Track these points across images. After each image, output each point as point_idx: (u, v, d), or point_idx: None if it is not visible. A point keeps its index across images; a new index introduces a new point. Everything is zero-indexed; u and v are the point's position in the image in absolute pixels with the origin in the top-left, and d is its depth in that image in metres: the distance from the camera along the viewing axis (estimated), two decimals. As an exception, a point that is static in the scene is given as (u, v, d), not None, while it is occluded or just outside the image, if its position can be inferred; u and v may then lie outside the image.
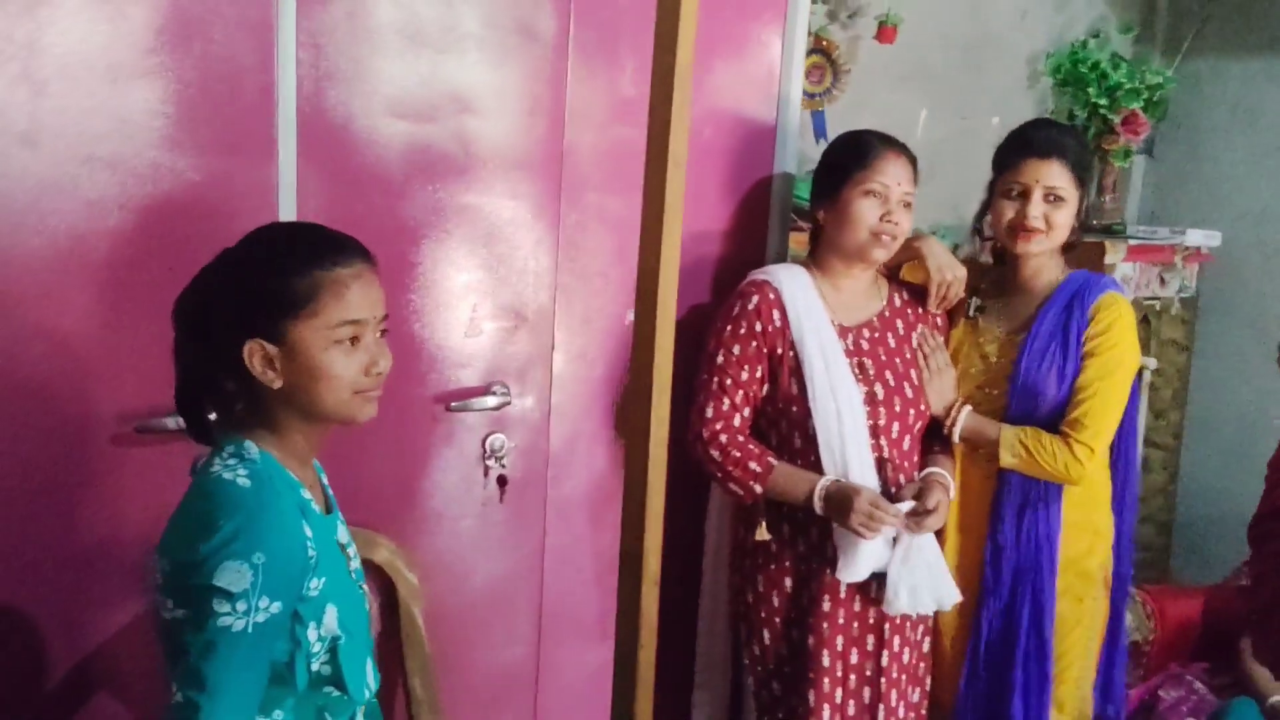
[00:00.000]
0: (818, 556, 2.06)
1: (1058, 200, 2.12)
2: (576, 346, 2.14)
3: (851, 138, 2.11)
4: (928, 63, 3.24)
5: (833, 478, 1.99)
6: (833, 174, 2.07)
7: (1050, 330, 2.15)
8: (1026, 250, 2.15)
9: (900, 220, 2.03)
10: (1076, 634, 2.24)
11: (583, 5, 2.00)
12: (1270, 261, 3.51)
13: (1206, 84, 3.63)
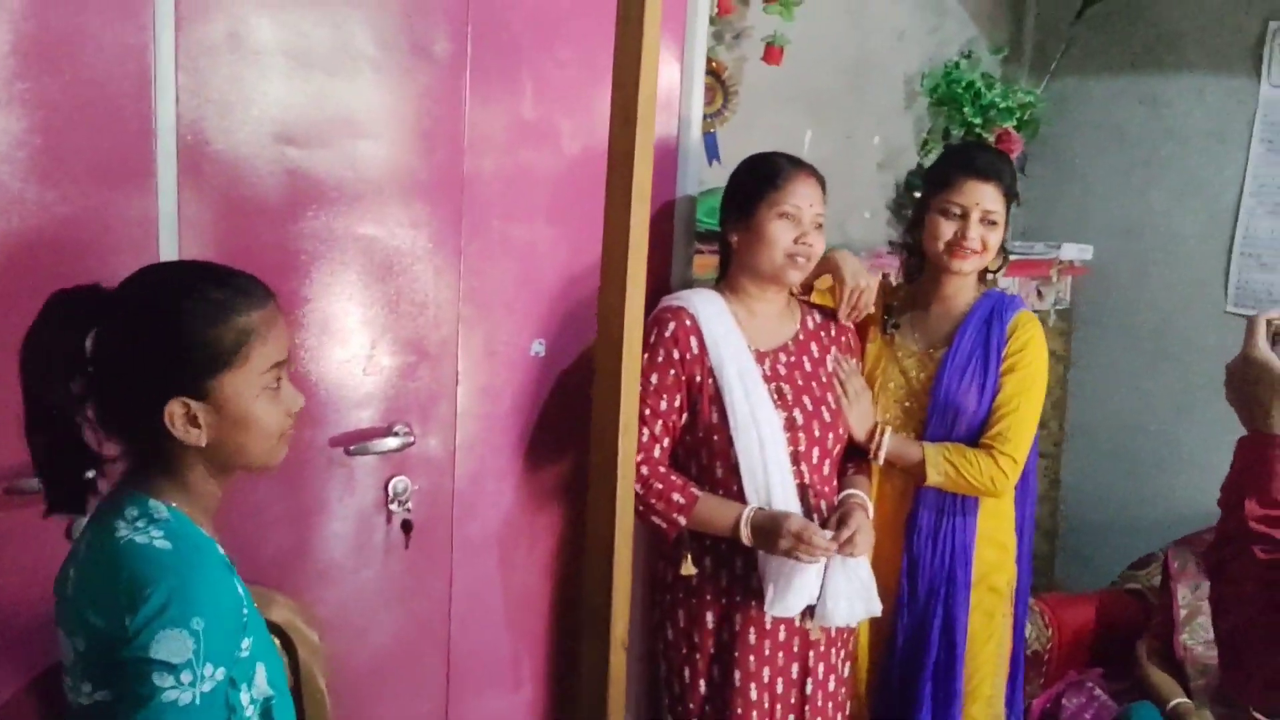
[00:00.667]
0: (742, 589, 2.01)
1: (992, 224, 2.16)
2: (481, 380, 2.04)
3: (761, 159, 2.09)
4: (812, 83, 3.25)
5: (757, 505, 1.95)
6: (744, 196, 2.04)
7: (970, 347, 2.18)
8: (961, 269, 2.18)
9: (814, 242, 2.02)
10: (988, 650, 2.27)
11: (480, 26, 1.91)
12: (1139, 273, 3.63)
13: (1073, 103, 3.75)
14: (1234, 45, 3.35)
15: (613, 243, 1.11)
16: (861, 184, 3.48)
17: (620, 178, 1.09)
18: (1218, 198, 3.43)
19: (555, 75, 2.01)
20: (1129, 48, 3.60)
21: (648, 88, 1.05)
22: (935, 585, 2.21)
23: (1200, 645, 2.66)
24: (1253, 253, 3.36)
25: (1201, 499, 3.46)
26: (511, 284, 2.04)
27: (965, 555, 2.21)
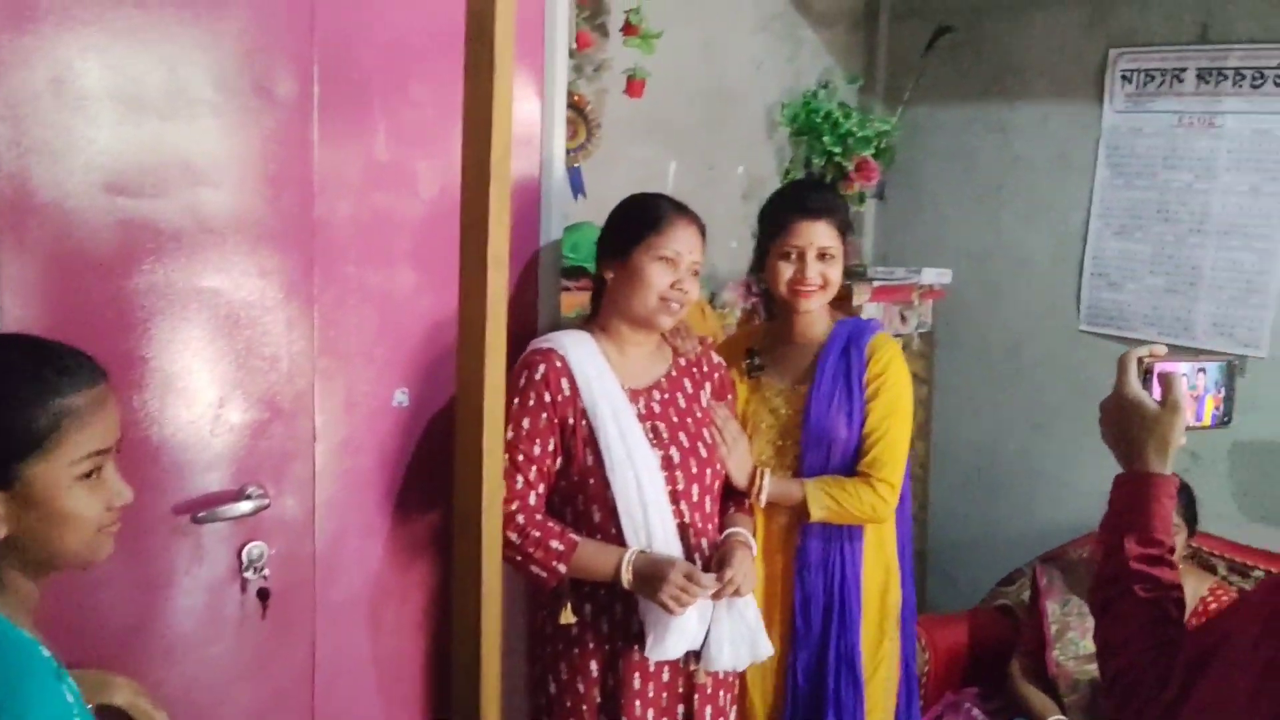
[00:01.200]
0: (624, 635, 1.96)
1: (830, 258, 2.20)
2: (341, 435, 1.94)
3: (643, 201, 2.07)
4: (674, 115, 3.25)
5: (638, 549, 1.91)
6: (623, 236, 2.02)
7: (832, 376, 2.21)
8: (807, 307, 2.22)
9: (689, 288, 2.00)
10: (879, 675, 2.29)
11: (327, 65, 1.82)
12: (994, 296, 3.73)
13: (926, 131, 3.84)
14: (1077, 73, 3.47)
15: (470, 311, 1.04)
16: (726, 215, 3.48)
17: (475, 242, 1.02)
18: (1066, 221, 3.55)
19: (409, 115, 1.93)
20: (977, 77, 3.71)
21: (501, 144, 0.99)
22: (829, 616, 2.21)
23: (1071, 661, 2.71)
24: (1102, 273, 3.48)
25: (1060, 514, 3.59)
26: (370, 333, 1.95)
27: (855, 583, 2.23)
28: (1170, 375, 1.34)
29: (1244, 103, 3.13)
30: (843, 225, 2.23)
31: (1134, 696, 1.20)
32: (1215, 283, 3.25)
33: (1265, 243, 3.13)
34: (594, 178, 2.95)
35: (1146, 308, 3.40)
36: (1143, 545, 1.28)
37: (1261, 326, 3.16)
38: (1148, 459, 1.32)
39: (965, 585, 3.67)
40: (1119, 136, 3.41)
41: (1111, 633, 1.27)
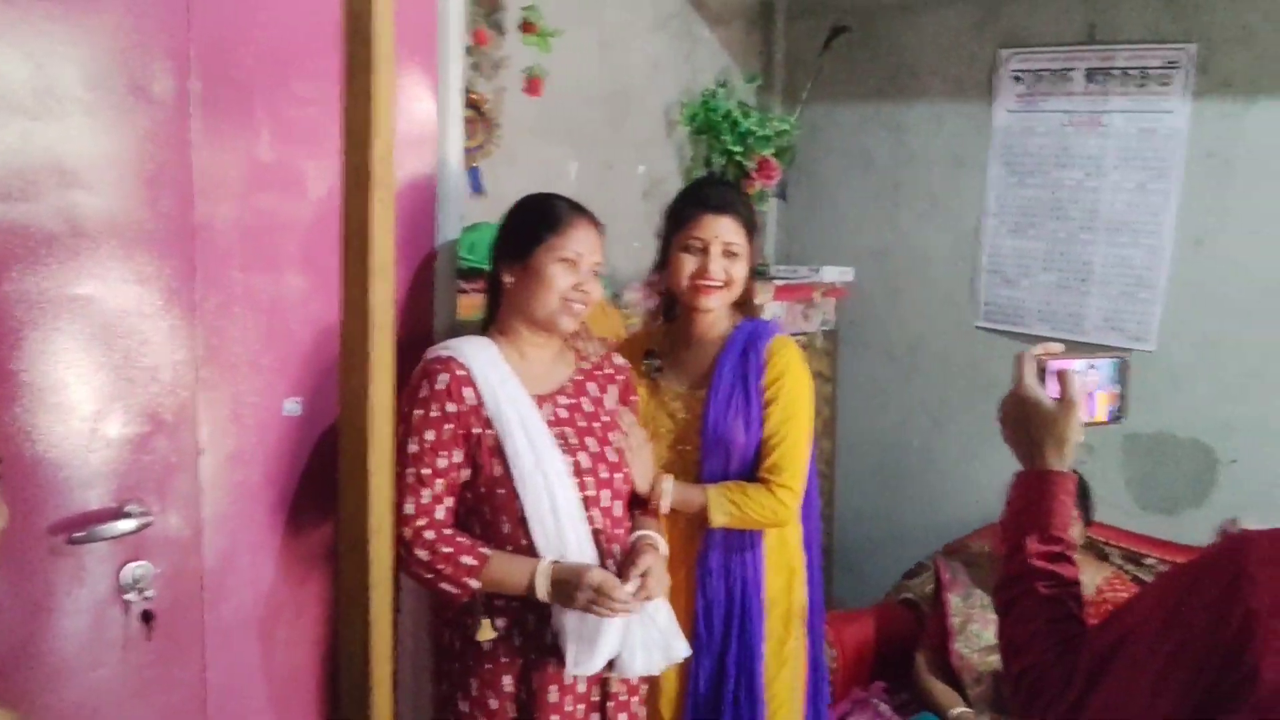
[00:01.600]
0: (538, 647, 1.92)
1: (734, 255, 2.18)
2: (228, 447, 1.86)
3: (541, 201, 2.03)
4: (574, 114, 3.21)
5: (552, 559, 1.86)
6: (522, 238, 1.97)
7: (730, 380, 2.19)
8: (707, 305, 2.19)
9: (591, 289, 1.96)
10: (783, 676, 2.28)
11: (205, 63, 1.74)
12: (894, 293, 3.78)
13: (824, 130, 3.88)
14: (969, 73, 3.53)
15: (352, 325, 0.99)
16: (627, 214, 3.46)
17: (356, 251, 0.97)
18: (962, 219, 3.61)
19: (294, 113, 1.86)
20: (873, 77, 3.75)
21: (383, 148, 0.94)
22: (730, 621, 2.20)
23: (975, 654, 2.75)
24: (997, 270, 3.55)
25: (962, 506, 3.65)
26: (258, 339, 1.87)
27: (757, 588, 2.22)
28: (1066, 373, 1.35)
29: (1130, 102, 3.22)
30: (748, 224, 2.22)
31: (1039, 695, 1.20)
32: (1105, 278, 3.34)
33: (1152, 239, 3.23)
34: (494, 177, 2.90)
35: (1040, 304, 3.47)
36: (1044, 543, 1.29)
37: (1150, 321, 3.25)
38: (1046, 457, 1.33)
39: (871, 580, 3.70)
40: (1011, 136, 3.48)
41: (1015, 632, 1.27)
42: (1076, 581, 1.29)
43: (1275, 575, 1.04)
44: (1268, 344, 3.05)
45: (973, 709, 2.71)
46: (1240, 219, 3.08)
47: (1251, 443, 3.11)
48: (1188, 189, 3.16)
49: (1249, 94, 3.02)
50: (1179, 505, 3.23)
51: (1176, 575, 1.16)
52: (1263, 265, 3.05)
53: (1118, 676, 1.14)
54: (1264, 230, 3.04)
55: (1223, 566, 1.08)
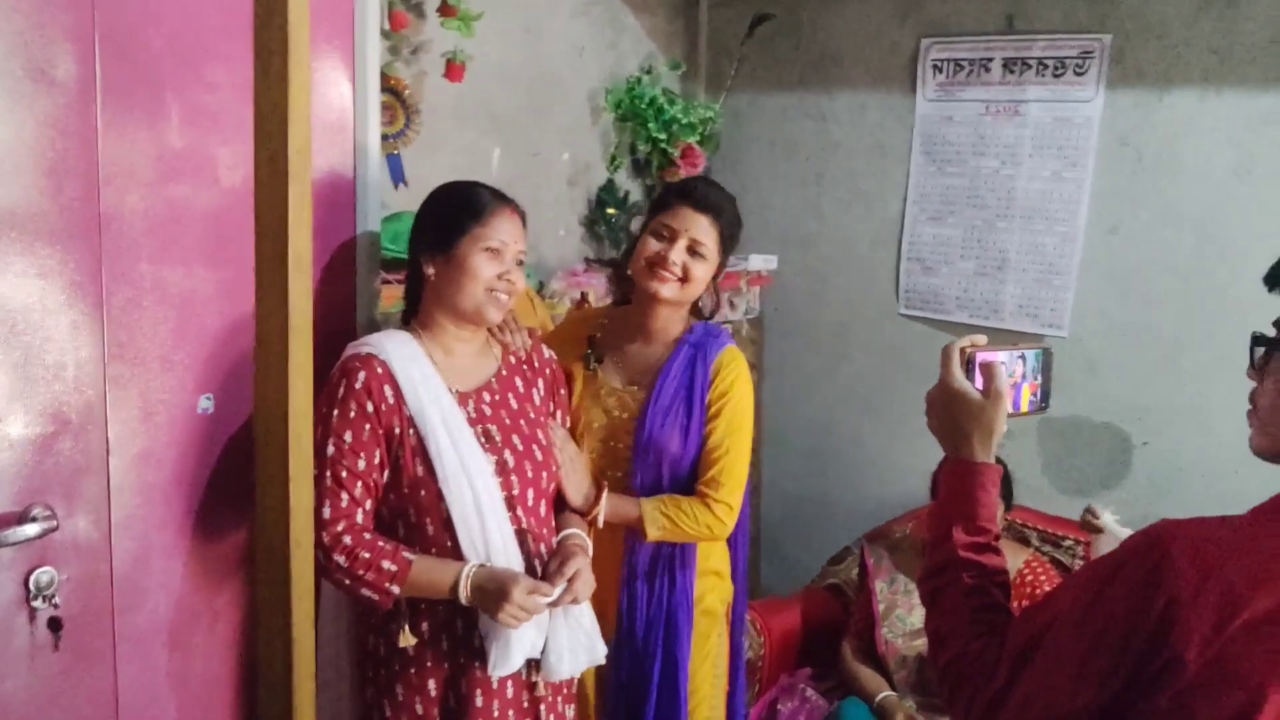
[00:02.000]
0: (466, 651, 1.88)
1: (699, 255, 2.12)
2: (138, 447, 1.78)
3: (462, 189, 1.97)
4: (497, 101, 3.16)
5: (477, 563, 1.82)
6: (443, 228, 1.91)
7: (674, 389, 2.14)
8: (657, 291, 2.11)
9: (516, 279, 1.92)
10: (703, 671, 2.28)
11: (112, 46, 1.66)
12: (818, 281, 3.80)
13: (748, 118, 3.88)
14: (891, 62, 3.56)
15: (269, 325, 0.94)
16: (553, 202, 3.42)
17: (272, 246, 0.92)
18: (884, 207, 3.64)
19: (206, 99, 1.79)
20: (796, 65, 3.76)
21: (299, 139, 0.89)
22: (654, 622, 2.17)
23: (900, 638, 2.79)
24: (918, 258, 3.59)
25: (886, 491, 3.69)
26: (169, 335, 1.80)
27: (686, 593, 2.19)
28: (992, 365, 1.36)
29: (1046, 91, 3.28)
30: (725, 232, 2.15)
31: (964, 685, 1.21)
32: (1021, 265, 3.40)
33: (1065, 226, 3.29)
34: (415, 165, 2.84)
35: (959, 291, 3.52)
36: (970, 534, 1.30)
37: (1063, 307, 3.32)
38: (973, 448, 1.34)
39: (797, 566, 3.73)
40: (931, 124, 3.52)
41: (941, 622, 1.28)
42: (1003, 571, 1.31)
43: (1196, 563, 1.06)
44: (1178, 330, 3.14)
45: (897, 692, 2.74)
46: (1151, 207, 3.15)
47: (1163, 426, 3.20)
48: (1101, 177, 3.22)
49: (1161, 84, 3.09)
50: (1094, 488, 3.30)
51: (1099, 564, 1.17)
52: (1172, 253, 3.13)
53: (1041, 665, 1.15)
54: (1174, 218, 3.12)
55: (1144, 555, 1.10)
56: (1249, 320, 3.13)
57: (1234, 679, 1.03)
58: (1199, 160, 3.06)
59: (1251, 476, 3.21)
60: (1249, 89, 2.95)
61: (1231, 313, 3.03)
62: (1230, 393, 3.03)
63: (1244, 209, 3.00)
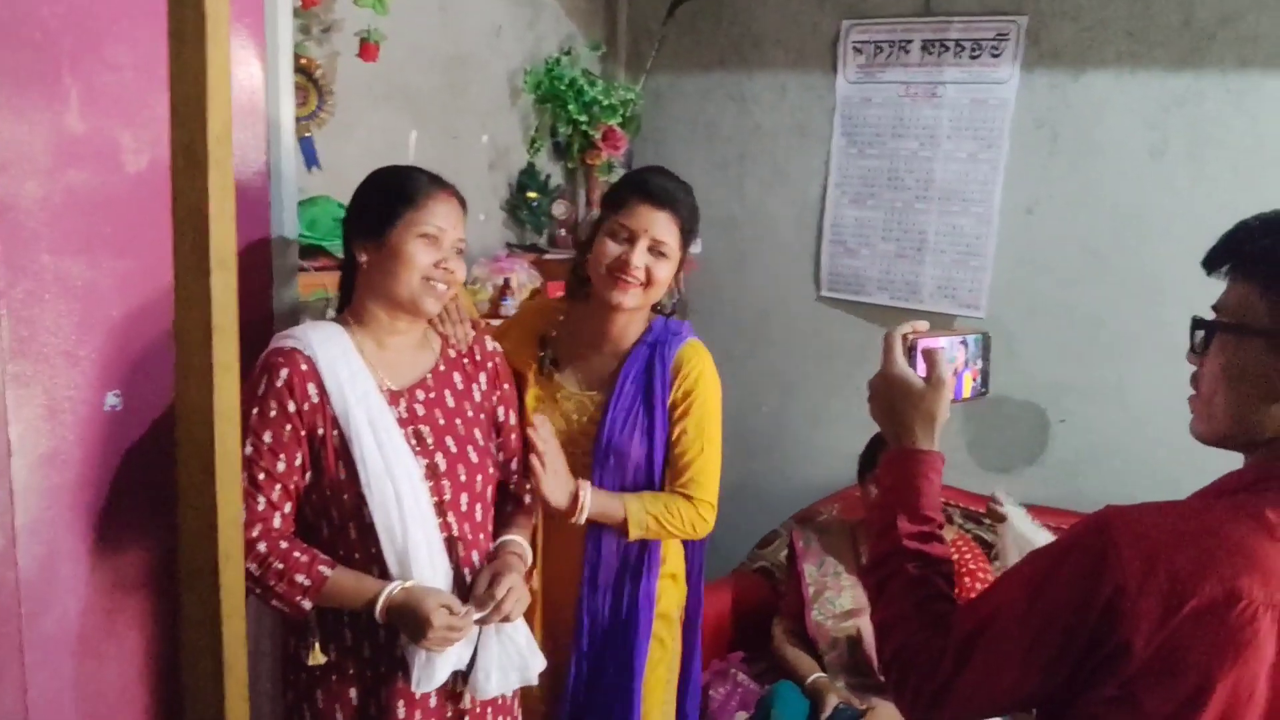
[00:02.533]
0: (387, 660, 1.80)
1: (661, 255, 2.02)
2: (43, 448, 1.69)
3: (396, 174, 1.87)
4: (413, 81, 3.08)
5: (399, 586, 1.73)
6: (377, 215, 1.81)
7: (633, 394, 2.07)
8: (621, 300, 2.01)
9: (455, 268, 1.83)
10: (657, 674, 2.23)
11: (2, 22, 1.56)
12: (741, 264, 3.80)
13: (669, 100, 3.84)
14: (811, 44, 3.55)
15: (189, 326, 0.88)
16: (473, 186, 3.35)
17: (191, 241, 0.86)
18: (806, 189, 3.64)
19: (108, 80, 1.70)
20: (716, 46, 3.74)
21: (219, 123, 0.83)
22: (614, 631, 2.12)
23: (830, 620, 2.80)
24: (839, 240, 3.60)
25: (811, 473, 3.71)
26: (73, 329, 1.71)
27: (648, 598, 2.14)
28: (934, 352, 1.35)
29: (963, 73, 3.30)
30: (685, 226, 2.06)
31: (910, 675, 1.20)
32: (939, 247, 3.43)
33: (982, 208, 3.33)
34: (329, 148, 2.75)
35: (880, 273, 3.54)
36: (914, 523, 1.29)
37: (980, 288, 3.35)
38: (915, 436, 1.33)
39: (725, 549, 3.71)
40: (851, 106, 3.52)
41: (886, 614, 1.27)
42: (948, 560, 1.30)
43: (1141, 552, 1.06)
44: (1094, 309, 3.19)
45: (828, 674, 2.75)
46: (1067, 188, 3.20)
47: (1080, 402, 3.26)
48: (1016, 158, 3.26)
49: (1075, 66, 3.13)
50: (1015, 464, 3.36)
51: (1043, 553, 1.17)
52: (1087, 233, 3.18)
53: (985, 654, 1.15)
54: (1088, 199, 3.17)
55: (1089, 544, 1.09)
56: (1164, 299, 3.21)
57: (1182, 667, 1.03)
58: (1114, 141, 3.11)
59: (1167, 453, 3.29)
60: (1163, 70, 3.01)
61: (1147, 292, 3.10)
62: (1146, 370, 3.13)
63: (1158, 189, 3.06)
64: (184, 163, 0.85)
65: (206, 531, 0.89)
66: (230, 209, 0.88)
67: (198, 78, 0.82)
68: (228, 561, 0.91)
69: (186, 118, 0.84)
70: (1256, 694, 1.03)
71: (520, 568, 1.88)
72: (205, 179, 0.84)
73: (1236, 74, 2.94)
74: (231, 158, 0.88)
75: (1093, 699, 1.09)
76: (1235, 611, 1.02)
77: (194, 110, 0.83)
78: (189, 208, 0.86)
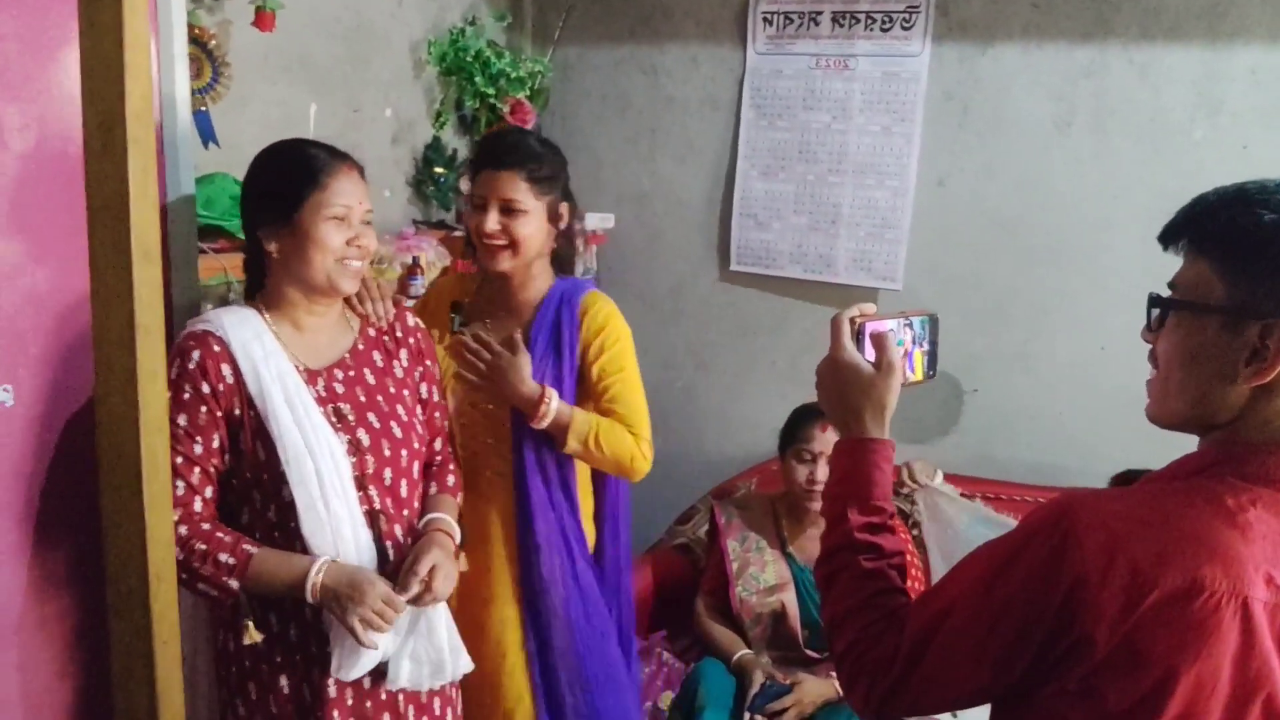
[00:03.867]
0: (317, 640, 1.75)
1: (515, 213, 2.04)
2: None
3: (292, 151, 1.80)
4: (311, 52, 2.94)
5: (328, 559, 1.69)
6: (281, 198, 1.75)
7: (544, 347, 2.10)
8: (492, 265, 2.07)
9: (367, 242, 1.79)
10: None
11: None
12: (653, 238, 3.75)
13: (578, 72, 3.76)
14: (722, 15, 3.51)
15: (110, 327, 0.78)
16: (377, 160, 3.23)
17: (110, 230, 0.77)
18: (716, 162, 3.60)
19: (-13, 49, 1.56)
20: (626, 17, 3.66)
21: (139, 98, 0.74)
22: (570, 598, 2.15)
23: (753, 596, 2.78)
24: (750, 213, 3.57)
25: (727, 447, 3.69)
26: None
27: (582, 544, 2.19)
28: (883, 336, 1.31)
29: (874, 46, 3.29)
30: (536, 178, 2.08)
31: (863, 672, 1.17)
32: (853, 220, 3.43)
33: (896, 180, 3.33)
34: (225, 123, 2.60)
35: (792, 246, 3.53)
36: (865, 514, 1.26)
37: (896, 261, 3.37)
38: (865, 424, 1.29)
39: (643, 525, 3.68)
40: (761, 78, 3.49)
41: (838, 607, 1.23)
42: (900, 552, 1.26)
43: (1102, 540, 1.03)
44: (1003, 279, 3.23)
45: (753, 650, 2.74)
46: (976, 160, 3.23)
47: (991, 372, 3.30)
48: (928, 131, 3.28)
49: (984, 38, 3.15)
50: (930, 434, 3.39)
51: (998, 544, 1.14)
52: (997, 204, 3.21)
53: (940, 649, 1.12)
54: (997, 170, 3.20)
55: (1047, 535, 1.07)
56: (1070, 269, 3.26)
57: (1144, 660, 1.01)
58: (1021, 113, 3.14)
59: (1075, 419, 3.35)
60: (1069, 42, 3.05)
61: (1055, 262, 3.15)
62: (1053, 339, 3.19)
63: (1065, 161, 3.10)
64: (100, 143, 0.76)
65: (135, 550, 0.80)
66: (153, 194, 0.79)
67: (113, 48, 0.73)
68: (160, 582, 0.82)
69: (100, 93, 0.75)
70: (1220, 685, 1.02)
71: (449, 545, 1.84)
72: (125, 162, 0.75)
73: (1139, 46, 2.99)
74: (153, 136, 0.80)
75: (1052, 693, 1.07)
76: (1198, 603, 1.00)
77: (110, 85, 0.73)
78: (108, 194, 0.77)
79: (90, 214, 0.79)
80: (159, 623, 0.84)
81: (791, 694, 2.58)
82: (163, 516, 0.81)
